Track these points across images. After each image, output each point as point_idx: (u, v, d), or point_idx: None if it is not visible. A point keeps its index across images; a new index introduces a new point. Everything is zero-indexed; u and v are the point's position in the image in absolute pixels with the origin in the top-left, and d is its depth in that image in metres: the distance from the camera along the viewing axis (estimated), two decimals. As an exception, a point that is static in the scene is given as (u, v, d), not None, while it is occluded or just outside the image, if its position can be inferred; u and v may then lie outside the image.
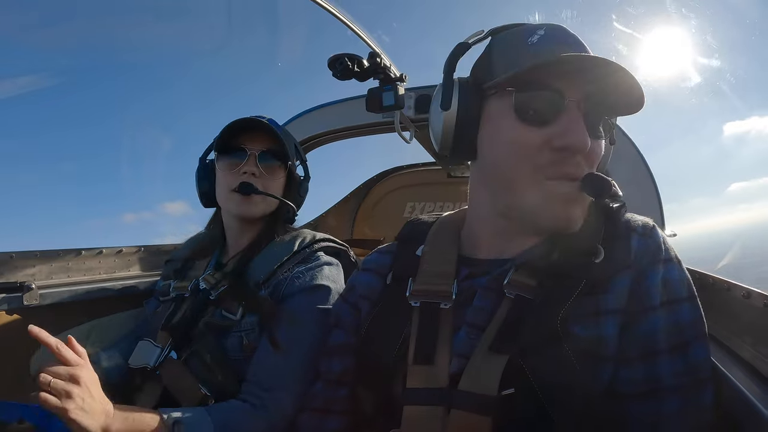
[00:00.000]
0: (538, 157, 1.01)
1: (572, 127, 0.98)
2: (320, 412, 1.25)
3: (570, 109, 0.99)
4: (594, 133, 1.02)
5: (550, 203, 1.02)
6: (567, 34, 1.06)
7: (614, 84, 0.98)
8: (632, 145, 2.05)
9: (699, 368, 0.95)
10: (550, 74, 1.00)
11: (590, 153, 1.01)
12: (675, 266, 1.01)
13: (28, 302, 1.85)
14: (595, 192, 0.99)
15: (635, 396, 0.95)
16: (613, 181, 1.03)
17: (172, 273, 1.84)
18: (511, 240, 1.12)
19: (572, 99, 1.00)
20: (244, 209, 1.68)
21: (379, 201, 3.44)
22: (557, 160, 1.00)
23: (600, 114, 1.03)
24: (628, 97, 1.01)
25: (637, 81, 0.96)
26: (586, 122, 1.00)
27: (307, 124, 2.76)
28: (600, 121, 1.04)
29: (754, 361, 1.02)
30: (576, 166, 1.01)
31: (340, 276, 1.69)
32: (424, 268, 1.18)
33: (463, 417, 0.95)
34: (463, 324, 1.06)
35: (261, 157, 1.68)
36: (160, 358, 1.59)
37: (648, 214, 1.10)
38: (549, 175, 1.01)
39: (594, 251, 1.03)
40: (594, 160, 1.04)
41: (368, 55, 2.07)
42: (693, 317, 0.98)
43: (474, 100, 1.09)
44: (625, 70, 0.95)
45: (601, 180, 0.99)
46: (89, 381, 1.16)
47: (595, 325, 0.96)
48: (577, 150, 0.98)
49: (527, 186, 1.03)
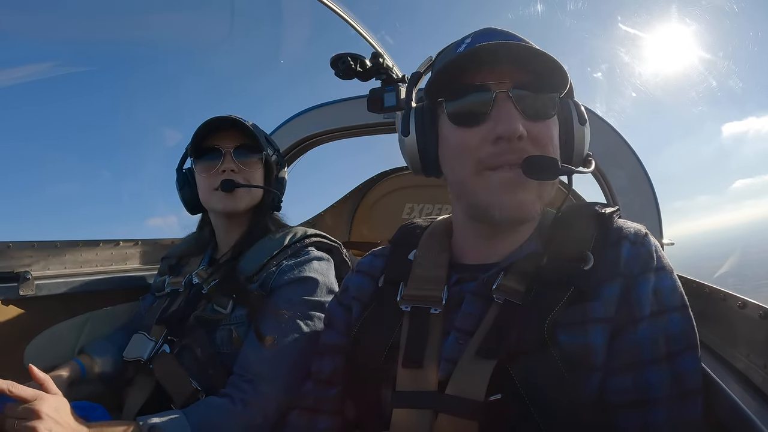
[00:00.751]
0: (478, 153, 1.04)
1: (502, 116, 1.01)
2: (310, 411, 1.25)
3: (499, 100, 1.02)
4: (533, 115, 1.03)
5: (497, 193, 1.03)
6: (495, 33, 1.09)
7: (536, 64, 1.01)
8: (631, 152, 2.05)
9: (688, 379, 0.94)
10: (474, 74, 1.05)
11: (534, 136, 1.02)
12: (667, 275, 1.00)
13: (24, 292, 1.85)
14: (537, 173, 1.00)
15: (623, 406, 0.94)
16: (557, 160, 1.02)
17: (168, 269, 1.86)
18: (493, 244, 1.13)
19: (500, 90, 1.02)
20: (229, 204, 1.68)
21: (377, 201, 3.43)
22: (496, 152, 1.02)
23: (533, 96, 1.04)
24: (552, 74, 1.03)
25: (553, 56, 0.99)
26: (521, 108, 1.02)
27: (308, 123, 2.76)
28: (537, 103, 1.04)
29: (748, 371, 1.01)
30: (517, 151, 1.01)
31: (330, 271, 1.69)
32: (415, 272, 1.18)
33: (450, 421, 0.95)
34: (452, 329, 1.06)
35: (236, 154, 1.69)
36: (154, 352, 1.60)
37: (646, 221, 1.10)
38: (490, 166, 1.03)
39: (583, 258, 1.02)
40: (543, 143, 1.03)
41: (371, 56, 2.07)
42: (683, 327, 0.97)
43: (428, 121, 1.13)
44: (538, 49, 0.99)
45: (542, 160, 1.00)
46: (53, 410, 1.15)
47: (583, 333, 0.96)
48: (509, 136, 1.00)
49: (475, 183, 1.06)
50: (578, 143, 1.11)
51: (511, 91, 1.02)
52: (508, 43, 1.00)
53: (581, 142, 1.11)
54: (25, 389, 1.15)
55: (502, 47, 1.00)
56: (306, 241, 1.72)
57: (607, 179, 2.07)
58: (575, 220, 1.11)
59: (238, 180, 1.67)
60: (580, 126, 1.11)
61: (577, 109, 1.11)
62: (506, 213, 1.04)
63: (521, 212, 1.04)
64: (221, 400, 1.39)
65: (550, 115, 1.06)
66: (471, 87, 1.05)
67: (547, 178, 1.01)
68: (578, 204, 1.18)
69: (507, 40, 1.04)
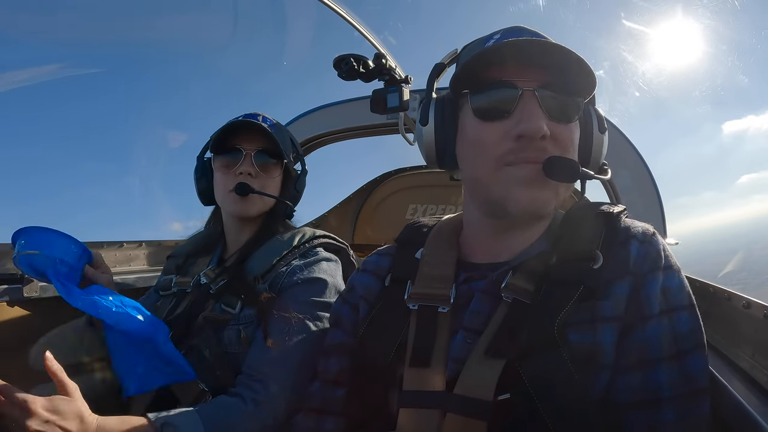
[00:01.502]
0: (499, 149, 1.03)
1: (526, 114, 1.01)
2: (317, 412, 1.24)
3: (525, 98, 1.02)
4: (557, 117, 1.03)
5: (513, 187, 1.03)
6: (523, 31, 1.08)
7: (566, 67, 1.00)
8: (635, 152, 2.05)
9: (696, 378, 0.93)
10: (501, 69, 1.04)
11: (556, 137, 1.02)
12: (675, 274, 1.00)
13: (28, 294, 1.86)
14: (558, 174, 1.00)
15: (631, 405, 0.94)
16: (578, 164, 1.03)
17: (174, 268, 1.84)
18: (504, 241, 1.13)
19: (527, 88, 1.02)
20: (241, 209, 1.68)
21: (381, 202, 3.44)
22: (516, 148, 1.02)
23: (559, 98, 1.04)
24: (580, 78, 1.03)
25: (585, 61, 0.98)
26: (546, 107, 1.01)
27: (311, 124, 2.77)
28: (562, 105, 1.04)
29: (752, 371, 1.01)
30: (538, 150, 1.01)
31: (338, 272, 1.69)
32: (423, 271, 1.18)
33: (458, 421, 0.94)
34: (461, 328, 1.06)
35: (256, 157, 1.68)
36: None
37: (650, 220, 1.10)
38: (509, 161, 1.03)
39: (593, 257, 1.02)
40: (564, 145, 1.04)
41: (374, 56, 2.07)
42: (691, 326, 0.96)
43: (448, 113, 1.13)
44: (571, 51, 0.98)
45: (563, 162, 1.00)
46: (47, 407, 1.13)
47: (592, 332, 0.96)
48: (532, 135, 0.99)
49: (492, 177, 1.05)
50: (596, 150, 1.11)
51: (538, 90, 1.02)
52: (539, 41, 1.00)
53: (599, 149, 1.12)
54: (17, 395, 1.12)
55: (534, 44, 1.00)
56: (315, 241, 1.71)
57: (611, 179, 2.07)
58: (583, 219, 1.11)
59: (253, 185, 1.65)
60: (600, 134, 1.11)
61: (598, 116, 1.12)
62: (521, 207, 1.03)
63: (536, 208, 1.04)
64: (233, 399, 1.39)
65: (574, 119, 1.06)
66: (498, 82, 1.04)
67: (566, 180, 1.02)
68: (586, 203, 1.17)
69: (535, 35, 1.04)
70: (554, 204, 1.06)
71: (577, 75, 1.02)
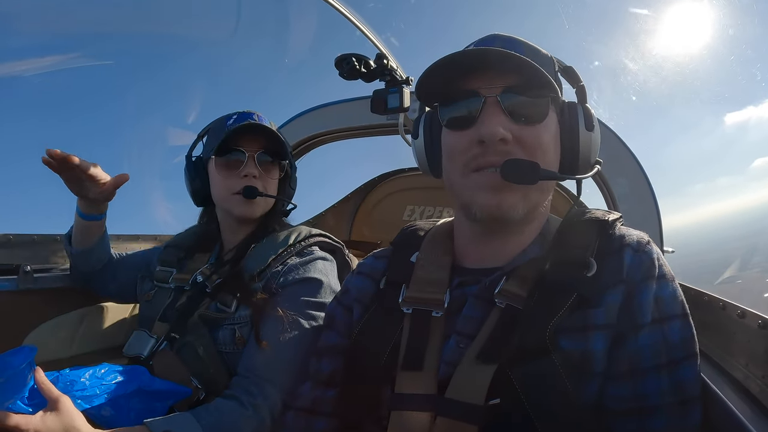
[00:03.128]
0: (465, 156, 1.06)
1: (484, 119, 1.03)
2: (307, 412, 1.24)
3: (488, 104, 1.04)
4: (521, 119, 1.03)
5: (477, 193, 1.05)
6: (494, 39, 1.10)
7: (525, 69, 1.01)
8: (633, 160, 2.05)
9: (687, 387, 0.94)
10: (466, 79, 1.07)
11: (520, 139, 1.03)
12: (668, 283, 1.00)
13: (22, 285, 1.85)
14: (515, 177, 1.00)
15: (622, 413, 0.94)
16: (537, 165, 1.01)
17: (175, 261, 1.82)
18: (492, 247, 1.14)
19: (489, 95, 1.04)
20: (247, 211, 1.68)
21: (378, 203, 3.44)
22: (479, 153, 1.04)
23: (523, 100, 1.04)
24: (539, 80, 1.03)
25: (534, 64, 0.99)
26: (509, 111, 1.03)
27: (311, 122, 2.76)
28: (526, 107, 1.04)
29: (746, 381, 1.01)
30: (501, 154, 1.02)
31: (333, 271, 1.69)
32: (417, 275, 1.18)
33: (449, 424, 0.95)
34: (453, 332, 1.06)
35: (259, 158, 1.69)
36: (154, 349, 1.60)
37: (647, 229, 1.10)
38: (473, 167, 1.05)
39: (586, 264, 1.02)
40: (530, 147, 1.04)
41: (375, 57, 2.07)
42: (684, 336, 0.97)
43: (435, 126, 1.16)
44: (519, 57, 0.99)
45: (520, 164, 1.01)
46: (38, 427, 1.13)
47: (584, 339, 0.96)
48: (489, 139, 1.01)
49: (461, 184, 1.09)
50: (584, 149, 1.10)
51: (500, 96, 1.03)
52: (491, 50, 1.02)
53: (587, 148, 1.11)
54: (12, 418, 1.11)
55: (490, 53, 1.02)
56: (310, 240, 1.72)
57: (609, 186, 2.07)
58: (578, 226, 1.11)
59: (257, 186, 1.66)
60: (587, 132, 1.10)
61: (586, 114, 1.10)
62: (486, 212, 1.05)
63: (501, 213, 1.04)
64: (231, 403, 1.38)
65: (541, 119, 1.06)
66: (462, 92, 1.07)
67: (525, 182, 1.01)
68: (581, 210, 1.18)
69: (506, 46, 1.04)
70: (522, 208, 1.05)
71: (533, 77, 1.02)
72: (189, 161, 1.78)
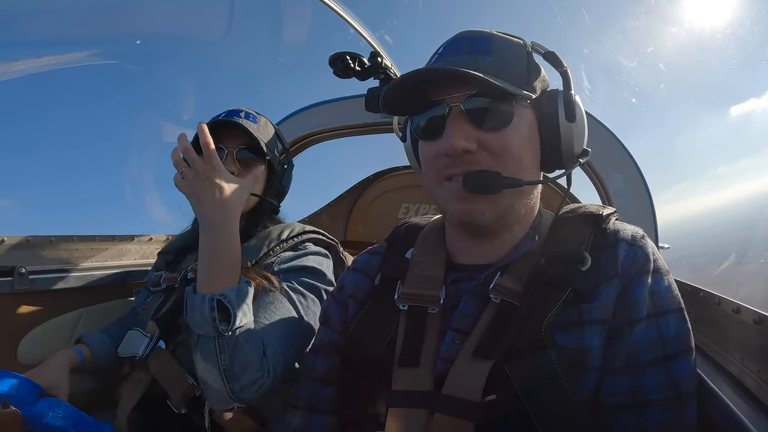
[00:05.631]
0: (437, 165, 1.08)
1: (447, 132, 1.03)
2: (305, 410, 1.24)
3: (453, 114, 1.04)
4: (487, 127, 1.03)
5: (449, 201, 1.08)
6: (462, 41, 1.10)
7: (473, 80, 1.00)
8: (627, 155, 2.05)
9: (683, 382, 0.94)
10: (433, 88, 1.07)
11: (487, 147, 1.03)
12: (663, 278, 1.01)
13: (18, 287, 1.84)
14: (477, 188, 1.01)
15: (618, 407, 0.94)
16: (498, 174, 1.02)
17: (164, 264, 1.84)
18: (480, 246, 1.15)
19: (454, 104, 1.04)
20: None
21: (373, 201, 3.44)
22: (448, 164, 1.05)
23: (488, 106, 1.03)
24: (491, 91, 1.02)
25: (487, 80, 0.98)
26: (474, 120, 1.03)
27: (306, 121, 2.76)
28: (490, 113, 1.03)
29: (741, 376, 1.02)
30: (468, 164, 1.03)
31: (328, 266, 1.69)
32: (413, 271, 1.18)
33: (446, 421, 0.95)
34: (449, 329, 1.06)
35: (239, 154, 1.68)
36: (149, 348, 1.60)
37: (642, 224, 1.10)
38: (445, 176, 1.07)
39: (581, 259, 1.02)
40: (498, 153, 1.03)
41: (370, 55, 2.07)
42: (679, 330, 0.97)
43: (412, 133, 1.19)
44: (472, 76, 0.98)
45: (480, 176, 1.01)
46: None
47: (580, 334, 0.96)
48: (450, 153, 1.02)
49: (437, 191, 1.11)
50: (566, 141, 1.08)
51: (464, 104, 1.03)
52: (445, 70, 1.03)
53: (569, 140, 1.08)
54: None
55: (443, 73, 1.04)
56: (304, 236, 1.72)
57: (603, 182, 2.07)
58: (573, 221, 1.12)
59: None
60: (567, 123, 1.08)
61: (566, 104, 1.08)
62: (457, 219, 1.07)
63: (471, 219, 1.06)
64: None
65: (505, 124, 1.04)
66: (428, 103, 1.08)
67: (487, 192, 1.02)
68: (576, 205, 1.18)
69: (473, 46, 1.06)
70: (492, 214, 1.05)
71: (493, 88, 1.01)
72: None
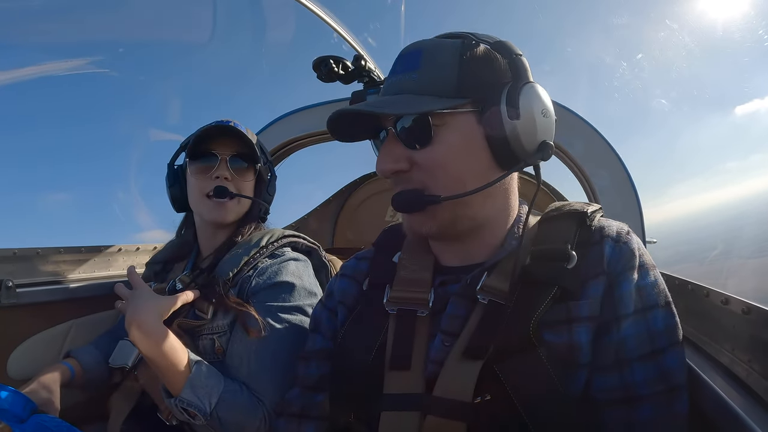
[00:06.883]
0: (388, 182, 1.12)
1: (380, 155, 1.09)
2: (297, 417, 1.24)
3: (387, 139, 1.09)
4: (412, 144, 1.05)
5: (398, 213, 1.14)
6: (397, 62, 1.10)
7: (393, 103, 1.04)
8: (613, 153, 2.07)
9: (673, 375, 0.95)
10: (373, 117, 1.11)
11: (417, 163, 1.05)
12: (649, 273, 1.01)
13: (5, 301, 1.82)
14: (402, 207, 1.09)
15: (609, 403, 0.95)
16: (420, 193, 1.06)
17: (152, 275, 1.83)
18: (462, 248, 1.15)
19: (389, 128, 1.08)
20: (218, 215, 1.67)
21: (360, 204, 3.44)
22: (392, 182, 1.11)
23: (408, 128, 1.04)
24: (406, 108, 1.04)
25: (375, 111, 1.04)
26: (405, 140, 1.06)
27: (289, 127, 2.74)
28: (414, 132, 1.04)
29: (732, 366, 1.03)
30: (404, 183, 1.08)
31: (306, 272, 1.69)
32: (400, 275, 1.18)
33: (438, 423, 0.95)
34: (438, 331, 1.06)
35: (231, 161, 1.69)
36: (138, 358, 1.60)
37: (628, 220, 1.11)
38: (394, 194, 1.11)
39: (566, 256, 1.03)
40: (429, 168, 1.04)
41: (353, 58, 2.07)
42: (667, 324, 0.98)
43: None
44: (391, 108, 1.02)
45: (403, 197, 1.07)
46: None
47: (568, 332, 0.96)
48: (382, 176, 1.09)
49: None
50: (513, 141, 1.03)
51: (396, 126, 1.05)
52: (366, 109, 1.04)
53: (515, 138, 1.02)
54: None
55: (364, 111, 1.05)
56: (282, 241, 1.72)
57: (589, 179, 2.09)
58: (558, 218, 1.12)
59: (230, 188, 1.66)
60: (511, 121, 1.01)
61: (508, 101, 1.02)
62: (407, 230, 1.14)
63: (415, 230, 1.11)
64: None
65: (429, 140, 1.04)
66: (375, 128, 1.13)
67: (412, 211, 1.08)
68: (561, 203, 1.18)
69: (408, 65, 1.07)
70: (432, 225, 1.08)
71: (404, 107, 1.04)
72: (170, 169, 1.79)
